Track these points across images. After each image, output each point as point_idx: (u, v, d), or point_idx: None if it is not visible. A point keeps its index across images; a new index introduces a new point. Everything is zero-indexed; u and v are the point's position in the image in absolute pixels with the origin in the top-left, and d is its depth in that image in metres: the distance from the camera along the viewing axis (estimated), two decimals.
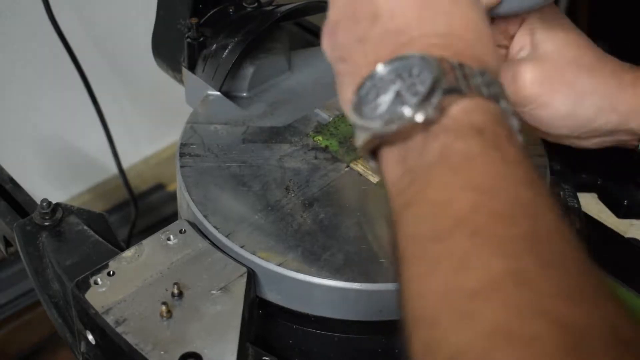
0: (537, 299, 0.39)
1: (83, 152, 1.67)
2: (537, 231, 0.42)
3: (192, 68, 0.90)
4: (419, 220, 0.45)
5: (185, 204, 0.78)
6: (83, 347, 0.74)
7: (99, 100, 1.26)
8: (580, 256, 0.42)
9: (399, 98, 0.48)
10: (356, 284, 0.70)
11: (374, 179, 0.80)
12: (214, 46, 0.88)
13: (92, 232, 0.82)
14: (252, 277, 0.72)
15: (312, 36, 1.14)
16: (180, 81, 0.94)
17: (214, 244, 0.74)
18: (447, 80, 0.47)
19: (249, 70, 0.90)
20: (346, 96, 0.54)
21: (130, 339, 0.66)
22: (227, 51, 0.87)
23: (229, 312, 0.69)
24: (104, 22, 1.57)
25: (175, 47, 0.92)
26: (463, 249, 0.42)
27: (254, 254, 0.72)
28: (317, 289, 0.71)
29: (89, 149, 1.66)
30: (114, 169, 1.43)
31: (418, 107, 0.47)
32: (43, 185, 1.63)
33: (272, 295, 0.73)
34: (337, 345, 0.74)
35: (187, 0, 0.89)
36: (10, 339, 1.56)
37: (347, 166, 0.81)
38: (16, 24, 1.45)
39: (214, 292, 0.70)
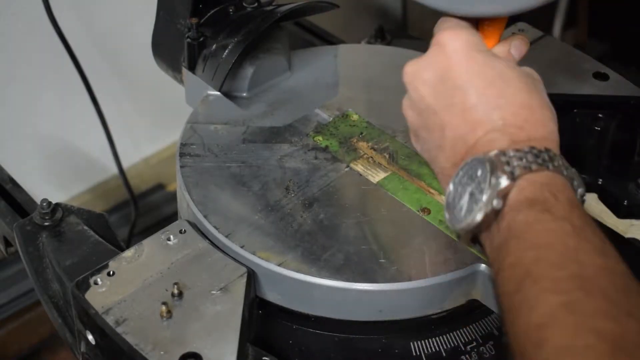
0: (585, 320, 0.52)
1: (83, 152, 1.67)
2: (582, 270, 0.54)
3: (192, 68, 0.90)
4: (504, 281, 0.58)
5: (185, 204, 0.78)
6: (83, 347, 0.74)
7: (99, 100, 1.26)
8: (620, 281, 0.54)
9: (472, 197, 0.61)
10: (356, 284, 0.70)
11: (374, 179, 0.80)
12: (214, 46, 0.88)
13: (92, 232, 0.82)
14: (252, 277, 0.72)
15: (312, 36, 1.14)
16: (180, 81, 0.94)
17: (214, 244, 0.74)
18: (501, 171, 0.60)
19: (249, 70, 0.90)
20: (444, 188, 0.67)
21: (130, 339, 0.66)
22: (227, 51, 0.87)
23: (229, 312, 0.69)
24: (104, 22, 1.57)
25: (175, 47, 0.92)
26: (531, 294, 0.55)
27: (254, 254, 0.72)
28: (317, 289, 0.71)
29: (89, 149, 1.66)
30: (114, 169, 1.42)
31: (485, 204, 0.60)
32: (43, 185, 1.63)
33: (272, 295, 0.73)
34: (337, 345, 0.74)
35: (187, 0, 0.89)
36: (10, 339, 1.56)
37: (347, 166, 0.81)
38: (16, 24, 1.45)
39: (214, 292, 0.70)
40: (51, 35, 1.14)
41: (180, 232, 0.75)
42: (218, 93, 0.89)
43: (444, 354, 0.72)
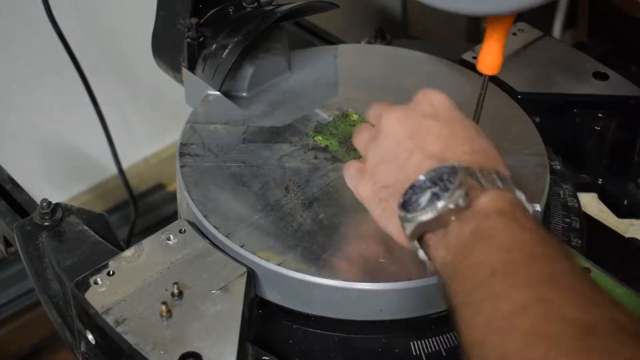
0: (556, 309, 0.53)
1: (83, 152, 1.67)
2: (553, 269, 0.56)
3: (192, 68, 0.90)
4: (463, 281, 0.59)
5: (185, 203, 0.78)
6: (83, 347, 0.74)
7: (98, 100, 1.26)
8: (588, 281, 0.56)
9: (434, 196, 0.62)
10: (356, 284, 0.70)
11: None
12: (214, 46, 0.88)
13: (92, 232, 0.82)
14: (252, 277, 0.72)
15: (312, 36, 1.14)
16: (180, 81, 0.94)
17: (214, 244, 0.74)
18: (470, 179, 0.62)
19: (249, 70, 0.90)
20: (393, 213, 0.67)
21: (130, 338, 0.66)
22: (226, 51, 0.87)
23: (228, 312, 0.69)
24: (103, 22, 1.57)
25: (175, 47, 0.92)
26: (499, 289, 0.56)
27: (253, 254, 0.72)
28: (317, 289, 0.71)
29: (89, 149, 1.66)
30: (114, 169, 1.42)
31: (449, 199, 0.61)
32: (43, 185, 1.63)
33: (272, 295, 0.73)
34: (337, 345, 0.74)
35: (187, 0, 0.89)
36: (10, 339, 1.56)
37: None
38: (16, 24, 1.45)
39: (214, 292, 0.70)
40: (51, 35, 1.14)
41: (180, 232, 0.75)
42: (218, 93, 0.89)
43: (444, 354, 0.72)
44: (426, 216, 0.62)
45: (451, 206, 0.61)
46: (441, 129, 0.68)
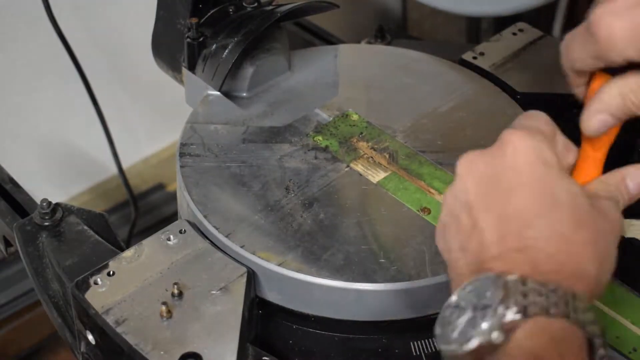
0: None
1: (83, 152, 1.67)
2: None
3: (192, 68, 0.90)
4: None
5: (185, 204, 0.78)
6: (83, 347, 0.74)
7: (98, 100, 1.26)
8: None
9: (472, 320, 0.52)
10: (356, 284, 0.70)
11: (374, 178, 0.80)
12: (214, 46, 0.88)
13: (92, 232, 0.82)
14: (252, 277, 0.72)
15: (312, 36, 1.14)
16: (180, 81, 0.94)
17: (214, 244, 0.74)
18: (512, 304, 0.51)
19: (249, 70, 0.90)
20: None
21: (130, 339, 0.66)
22: (227, 51, 0.87)
23: (229, 312, 0.69)
24: (104, 22, 1.57)
25: (175, 47, 0.92)
26: None
27: (254, 254, 0.72)
28: (317, 289, 0.71)
29: (89, 149, 1.66)
30: (114, 169, 1.42)
31: (482, 333, 0.51)
32: (43, 185, 1.63)
33: (272, 295, 0.73)
34: (337, 345, 0.74)
35: (187, 0, 0.89)
36: (10, 339, 1.56)
37: (347, 166, 0.81)
38: (16, 24, 1.45)
39: (214, 292, 0.70)
40: (51, 35, 1.14)
41: (180, 232, 0.75)
42: (218, 93, 0.89)
43: None
44: (456, 349, 0.53)
45: (484, 341, 0.52)
46: (506, 203, 0.57)
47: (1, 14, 1.43)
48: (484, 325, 0.52)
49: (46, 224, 0.83)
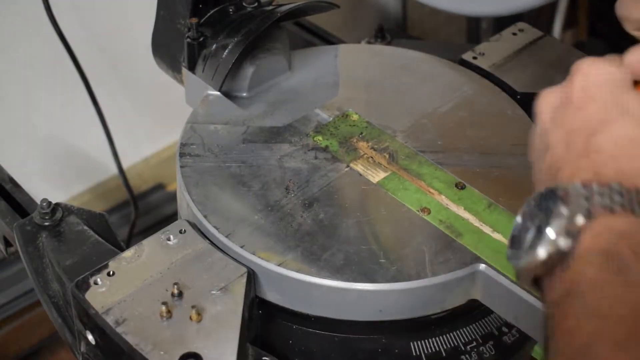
0: None
1: (83, 152, 1.67)
2: None
3: (192, 68, 0.90)
4: (555, 351, 0.49)
5: (185, 204, 0.78)
6: (83, 347, 0.74)
7: (99, 100, 1.26)
8: None
9: (538, 234, 0.52)
10: (356, 284, 0.70)
11: (374, 179, 0.80)
12: (214, 46, 0.88)
13: (92, 232, 0.82)
14: (252, 277, 0.72)
15: (312, 36, 1.14)
16: (180, 81, 0.94)
17: (214, 244, 0.74)
18: (576, 208, 0.51)
19: (249, 70, 0.90)
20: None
21: (130, 339, 0.66)
22: (227, 51, 0.87)
23: (229, 312, 0.69)
24: (104, 22, 1.57)
25: (175, 47, 0.92)
26: None
27: (254, 254, 0.72)
28: (317, 289, 0.71)
29: (89, 149, 1.66)
30: (114, 169, 1.42)
31: (549, 242, 0.51)
32: (43, 185, 1.63)
33: (272, 295, 0.73)
34: (337, 345, 0.74)
35: (187, 0, 0.89)
36: (10, 339, 1.56)
37: (347, 166, 0.81)
38: (16, 24, 1.45)
39: (214, 292, 0.70)
40: (51, 35, 1.14)
41: (180, 232, 0.75)
42: (218, 93, 0.89)
43: (444, 354, 0.73)
44: (528, 263, 0.53)
45: (552, 249, 0.51)
46: (573, 121, 0.57)
47: (1, 14, 1.43)
48: (550, 234, 0.51)
49: (46, 224, 0.83)
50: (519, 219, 0.55)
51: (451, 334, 0.73)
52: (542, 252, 0.51)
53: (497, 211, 0.76)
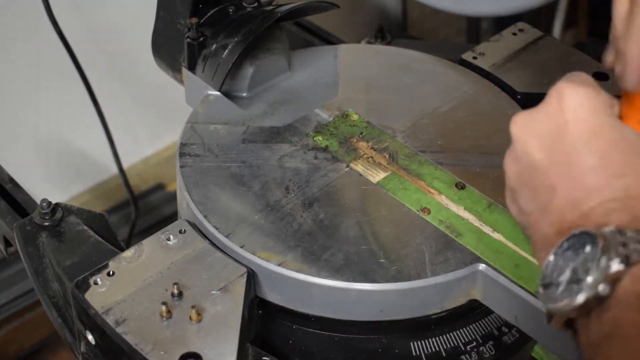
0: None
1: (83, 152, 1.67)
2: None
3: (192, 68, 0.90)
4: None
5: (185, 204, 0.78)
6: (83, 347, 0.74)
7: (99, 100, 1.26)
8: None
9: (574, 276, 0.53)
10: (356, 284, 0.70)
11: (374, 178, 0.80)
12: (214, 46, 0.88)
13: (92, 232, 0.82)
14: (252, 277, 0.72)
15: (312, 36, 1.14)
16: (180, 81, 0.94)
17: (214, 244, 0.74)
18: (614, 255, 0.51)
19: (249, 70, 0.90)
20: (540, 256, 0.59)
21: (130, 339, 0.66)
22: (227, 51, 0.87)
23: (229, 312, 0.69)
24: (103, 22, 1.57)
25: (175, 47, 0.92)
26: None
27: (253, 254, 0.72)
28: (317, 289, 0.71)
29: (89, 149, 1.66)
30: (114, 169, 1.42)
31: (588, 287, 0.52)
32: (43, 185, 1.63)
33: (272, 295, 0.73)
34: (337, 345, 0.74)
35: (187, 0, 0.89)
36: (10, 339, 1.56)
37: (347, 166, 0.81)
38: (16, 24, 1.45)
39: (214, 292, 0.70)
40: (51, 35, 1.14)
41: (180, 232, 0.75)
42: (218, 93, 0.89)
43: (444, 354, 0.72)
44: (564, 306, 0.53)
45: (590, 295, 0.52)
46: (583, 157, 0.56)
47: (1, 14, 1.43)
48: (589, 280, 0.52)
49: (46, 224, 0.83)
50: (551, 258, 0.55)
51: (451, 334, 0.73)
52: (581, 298, 0.52)
53: (497, 211, 0.76)
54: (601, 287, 0.51)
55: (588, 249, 0.53)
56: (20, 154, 1.58)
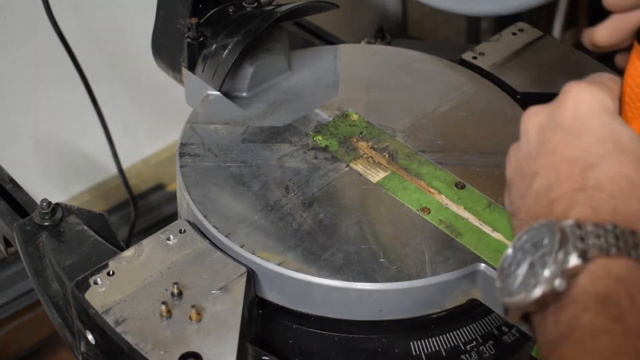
0: None
1: (83, 152, 1.67)
2: None
3: (192, 68, 0.90)
4: None
5: (185, 203, 0.78)
6: (83, 347, 0.74)
7: (98, 100, 1.26)
8: None
9: (532, 270, 0.52)
10: (356, 283, 0.70)
11: (374, 178, 0.80)
12: (214, 46, 0.88)
13: (92, 232, 0.82)
14: (252, 277, 0.72)
15: (312, 36, 1.14)
16: (180, 81, 0.94)
17: (214, 244, 0.74)
18: (572, 249, 0.50)
19: (249, 70, 0.90)
20: None
21: (130, 338, 0.66)
22: (226, 51, 0.87)
23: (228, 311, 0.69)
24: (103, 22, 1.57)
25: (175, 47, 0.92)
26: None
27: (253, 254, 0.72)
28: (317, 289, 0.71)
29: (89, 149, 1.66)
30: (114, 169, 1.42)
31: (544, 281, 0.51)
32: (43, 185, 1.63)
33: (272, 295, 0.73)
34: (337, 345, 0.74)
35: (187, 0, 0.89)
36: (10, 339, 1.56)
37: (347, 166, 0.81)
38: (16, 24, 1.45)
39: (214, 292, 0.70)
40: (51, 35, 1.14)
41: (180, 232, 0.75)
42: (218, 93, 0.89)
43: (444, 354, 0.73)
44: (520, 300, 0.52)
45: (547, 289, 0.51)
46: (568, 147, 0.56)
47: (1, 14, 1.43)
48: (546, 273, 0.51)
49: (46, 224, 0.83)
50: (509, 251, 0.55)
51: (451, 333, 0.73)
52: (537, 292, 0.51)
53: (497, 211, 0.76)
54: (557, 282, 0.51)
55: (546, 241, 0.52)
56: (20, 154, 1.58)
